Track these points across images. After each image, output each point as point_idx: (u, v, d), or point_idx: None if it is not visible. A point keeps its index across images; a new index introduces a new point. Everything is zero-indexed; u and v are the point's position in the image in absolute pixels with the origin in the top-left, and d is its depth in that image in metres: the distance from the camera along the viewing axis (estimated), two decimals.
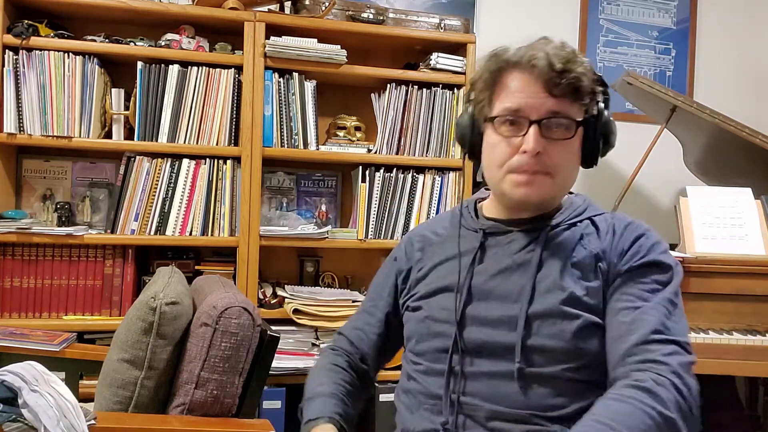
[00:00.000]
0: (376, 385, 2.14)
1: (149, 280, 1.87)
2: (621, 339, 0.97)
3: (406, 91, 2.44)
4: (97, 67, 2.20)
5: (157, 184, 2.22)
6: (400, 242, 1.26)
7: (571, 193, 1.17)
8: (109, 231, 2.22)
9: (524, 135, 1.02)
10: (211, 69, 2.25)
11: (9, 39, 2.11)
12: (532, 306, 1.01)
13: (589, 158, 1.09)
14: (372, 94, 2.47)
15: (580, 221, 1.09)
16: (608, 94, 1.09)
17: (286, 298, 2.30)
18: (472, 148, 1.13)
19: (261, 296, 2.33)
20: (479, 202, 1.21)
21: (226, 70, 2.27)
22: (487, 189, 1.19)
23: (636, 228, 1.07)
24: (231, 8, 2.26)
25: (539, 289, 1.02)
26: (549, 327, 1.00)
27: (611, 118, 1.09)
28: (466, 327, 1.06)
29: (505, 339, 1.02)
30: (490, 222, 1.13)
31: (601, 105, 1.07)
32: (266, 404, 2.17)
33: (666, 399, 0.87)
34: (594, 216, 1.11)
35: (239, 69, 2.27)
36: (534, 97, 1.01)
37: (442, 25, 2.53)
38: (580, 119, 1.04)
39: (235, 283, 2.22)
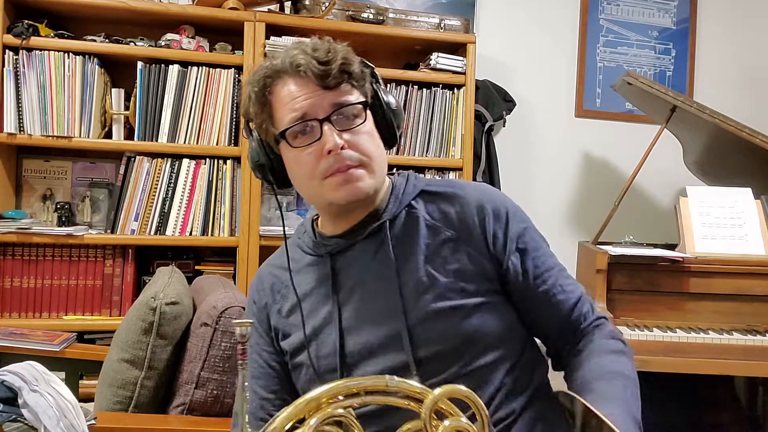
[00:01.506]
0: None
1: (149, 280, 1.88)
2: (558, 317, 1.05)
3: (406, 91, 2.44)
4: (97, 67, 2.20)
5: (157, 184, 2.22)
6: (252, 285, 1.16)
7: (390, 174, 1.11)
8: (109, 231, 2.22)
9: (320, 137, 0.96)
10: (211, 69, 2.25)
11: (9, 39, 2.11)
12: (408, 316, 0.97)
13: (387, 137, 1.05)
14: None
15: (414, 200, 1.05)
16: (376, 74, 1.05)
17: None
18: (278, 175, 1.04)
19: None
20: (315, 221, 1.12)
21: (226, 70, 2.27)
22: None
23: (482, 202, 1.04)
24: (231, 8, 2.26)
25: (408, 296, 0.98)
26: (433, 331, 0.97)
27: (390, 96, 1.06)
28: (355, 366, 1.00)
29: (397, 360, 0.97)
30: (333, 241, 1.06)
31: (374, 85, 1.04)
32: None
33: (627, 343, 1.05)
34: (424, 189, 1.07)
35: (239, 69, 2.27)
36: (312, 96, 0.97)
37: (442, 25, 2.53)
38: (363, 101, 1.01)
39: (235, 283, 2.22)
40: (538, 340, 1.09)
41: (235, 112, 2.28)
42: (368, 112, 1.02)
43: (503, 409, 0.97)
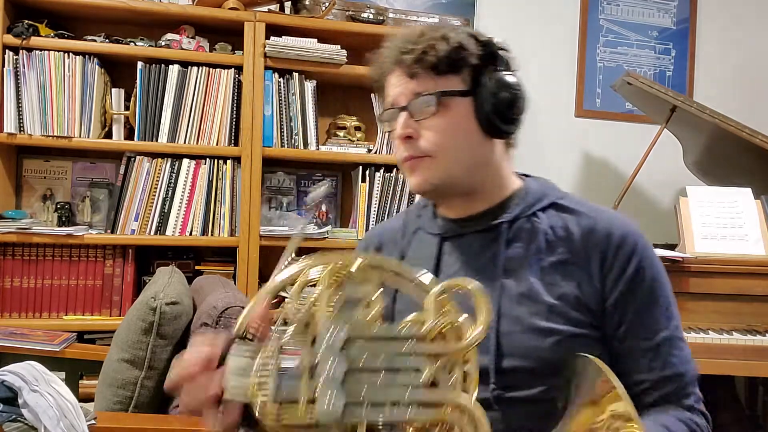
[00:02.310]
0: None
1: (149, 280, 1.88)
2: (646, 385, 0.95)
3: None
4: (97, 67, 2.20)
5: (157, 184, 2.22)
6: (360, 243, 1.17)
7: (527, 176, 1.08)
8: (109, 231, 2.22)
9: None
10: (211, 69, 2.25)
11: (9, 39, 2.11)
12: (501, 321, 0.93)
13: (488, 127, 0.98)
14: (372, 94, 2.47)
15: (542, 210, 1.00)
16: (497, 58, 0.99)
17: (286, 298, 2.30)
18: None
19: None
20: None
21: (226, 70, 2.27)
22: None
23: (612, 228, 0.97)
24: (231, 8, 2.26)
25: (506, 302, 0.95)
26: (522, 345, 0.92)
27: (507, 80, 0.98)
28: None
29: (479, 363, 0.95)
30: (447, 223, 1.04)
31: (483, 72, 0.98)
32: None
33: None
34: (557, 201, 1.01)
35: (239, 69, 2.27)
36: (400, 84, 0.99)
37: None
38: (437, 91, 0.96)
39: (235, 283, 2.22)
40: None
41: (235, 112, 2.28)
42: (454, 100, 0.96)
43: None
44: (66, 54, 2.16)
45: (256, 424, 0.74)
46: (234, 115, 2.28)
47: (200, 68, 2.25)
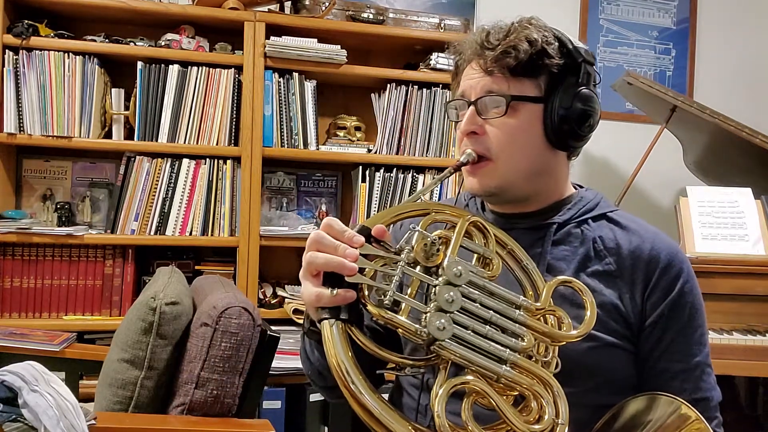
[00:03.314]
0: None
1: (149, 280, 1.88)
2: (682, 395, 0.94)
3: (406, 91, 2.43)
4: (97, 67, 2.20)
5: (157, 184, 2.22)
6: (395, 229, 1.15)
7: (581, 186, 1.08)
8: (109, 231, 2.22)
9: None
10: (211, 69, 2.25)
11: (9, 39, 2.11)
12: None
13: (553, 138, 0.96)
14: (372, 94, 2.47)
15: (593, 219, 1.00)
16: (579, 68, 0.96)
17: (286, 298, 2.30)
18: None
19: (261, 296, 2.33)
20: None
21: (226, 70, 2.27)
22: None
23: (659, 251, 0.97)
24: (231, 8, 2.26)
25: None
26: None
27: (582, 94, 0.95)
28: None
29: None
30: (495, 217, 1.04)
31: (562, 80, 0.96)
32: (266, 404, 2.17)
33: None
34: (608, 213, 1.01)
35: (239, 69, 2.27)
36: (473, 78, 0.97)
37: (442, 25, 2.53)
38: (516, 96, 0.94)
39: (235, 283, 2.22)
40: None
41: (235, 111, 2.28)
42: (524, 105, 0.95)
43: None
44: (66, 54, 2.16)
45: (359, 308, 0.81)
46: (234, 115, 2.28)
47: (200, 68, 2.25)
